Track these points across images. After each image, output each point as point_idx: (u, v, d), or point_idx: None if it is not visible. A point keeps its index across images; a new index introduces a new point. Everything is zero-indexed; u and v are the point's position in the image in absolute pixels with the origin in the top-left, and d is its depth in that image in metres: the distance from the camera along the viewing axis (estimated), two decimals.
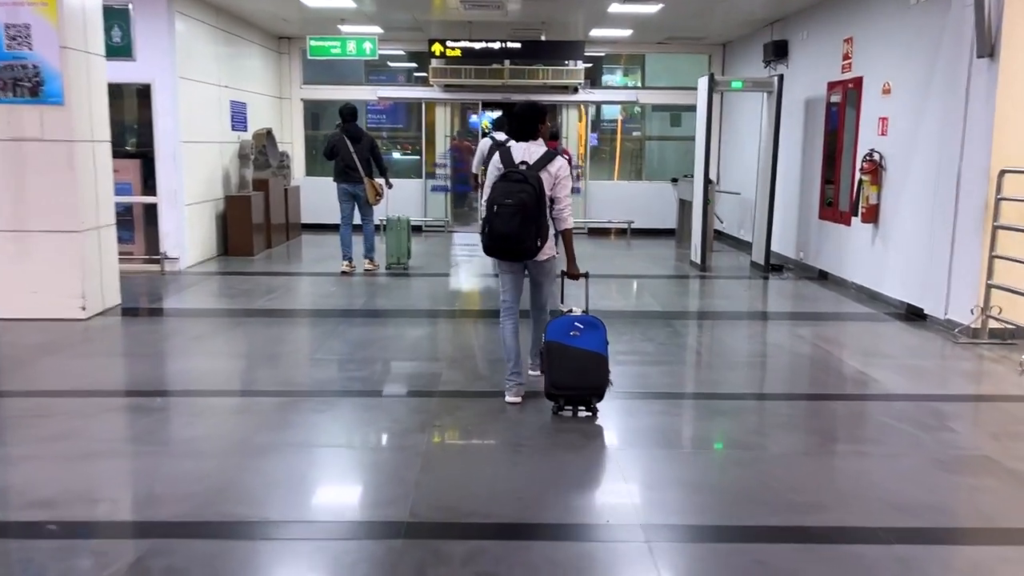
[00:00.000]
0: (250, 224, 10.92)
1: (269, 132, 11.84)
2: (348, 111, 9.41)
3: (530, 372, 5.23)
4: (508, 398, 4.90)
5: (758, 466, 4.04)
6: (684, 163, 14.50)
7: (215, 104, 10.85)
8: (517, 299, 4.99)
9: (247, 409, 4.84)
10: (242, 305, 8.06)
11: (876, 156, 8.27)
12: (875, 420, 4.75)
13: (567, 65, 13.59)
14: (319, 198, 13.75)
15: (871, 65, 8.59)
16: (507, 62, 13.37)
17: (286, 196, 12.45)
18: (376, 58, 12.01)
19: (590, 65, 13.83)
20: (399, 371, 5.88)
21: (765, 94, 10.26)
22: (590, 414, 4.68)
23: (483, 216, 4.78)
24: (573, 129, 14.19)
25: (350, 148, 9.27)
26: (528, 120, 4.84)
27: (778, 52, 11.02)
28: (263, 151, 11.57)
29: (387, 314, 7.67)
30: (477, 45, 11.92)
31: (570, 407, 4.70)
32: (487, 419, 4.68)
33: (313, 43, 11.84)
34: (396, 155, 14.79)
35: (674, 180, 13.96)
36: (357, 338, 6.68)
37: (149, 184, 9.77)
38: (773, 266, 10.27)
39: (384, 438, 4.42)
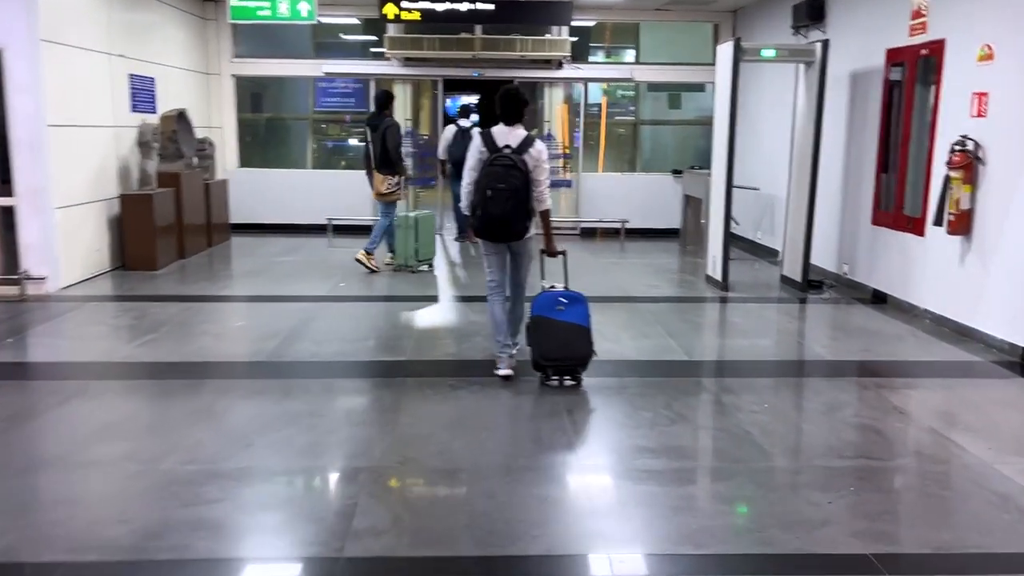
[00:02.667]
0: (152, 229, 8.62)
1: (181, 114, 9.51)
2: (376, 97, 8.90)
3: (497, 369, 5.08)
4: (500, 371, 5.06)
5: None
6: (683, 151, 12.40)
7: (105, 78, 8.51)
8: (503, 279, 5.20)
9: None
10: (102, 355, 5.76)
11: (970, 145, 6.16)
12: None
13: (550, 34, 11.36)
14: (255, 193, 11.48)
15: (959, 24, 6.45)
16: (478, 30, 11.10)
17: (207, 192, 10.14)
18: (315, 22, 9.71)
19: (576, 39, 11.57)
20: (287, 504, 3.53)
21: (802, 66, 8.10)
22: (575, 383, 4.94)
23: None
24: (557, 111, 11.92)
25: (368, 137, 8.71)
26: (516, 104, 4.96)
27: (813, 14, 8.87)
28: (172, 138, 9.24)
29: (302, 371, 5.40)
30: (440, 7, 9.65)
31: (556, 377, 4.95)
32: None
33: (235, 3, 9.51)
34: (353, 141, 12.51)
35: (677, 172, 11.80)
36: (239, 423, 4.37)
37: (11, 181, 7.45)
38: (811, 282, 8.15)
39: None
